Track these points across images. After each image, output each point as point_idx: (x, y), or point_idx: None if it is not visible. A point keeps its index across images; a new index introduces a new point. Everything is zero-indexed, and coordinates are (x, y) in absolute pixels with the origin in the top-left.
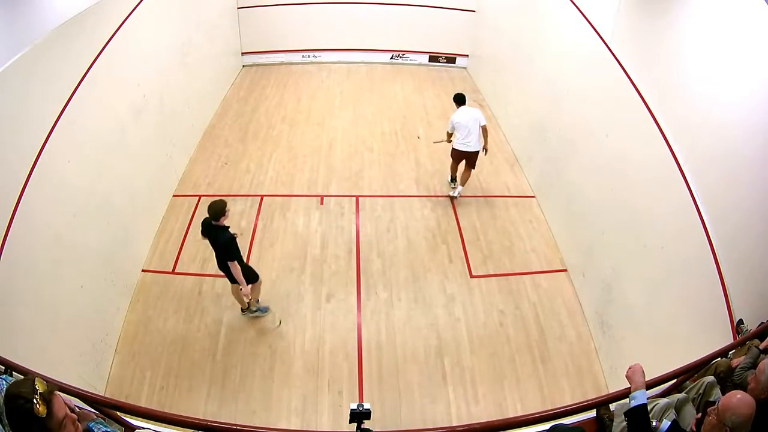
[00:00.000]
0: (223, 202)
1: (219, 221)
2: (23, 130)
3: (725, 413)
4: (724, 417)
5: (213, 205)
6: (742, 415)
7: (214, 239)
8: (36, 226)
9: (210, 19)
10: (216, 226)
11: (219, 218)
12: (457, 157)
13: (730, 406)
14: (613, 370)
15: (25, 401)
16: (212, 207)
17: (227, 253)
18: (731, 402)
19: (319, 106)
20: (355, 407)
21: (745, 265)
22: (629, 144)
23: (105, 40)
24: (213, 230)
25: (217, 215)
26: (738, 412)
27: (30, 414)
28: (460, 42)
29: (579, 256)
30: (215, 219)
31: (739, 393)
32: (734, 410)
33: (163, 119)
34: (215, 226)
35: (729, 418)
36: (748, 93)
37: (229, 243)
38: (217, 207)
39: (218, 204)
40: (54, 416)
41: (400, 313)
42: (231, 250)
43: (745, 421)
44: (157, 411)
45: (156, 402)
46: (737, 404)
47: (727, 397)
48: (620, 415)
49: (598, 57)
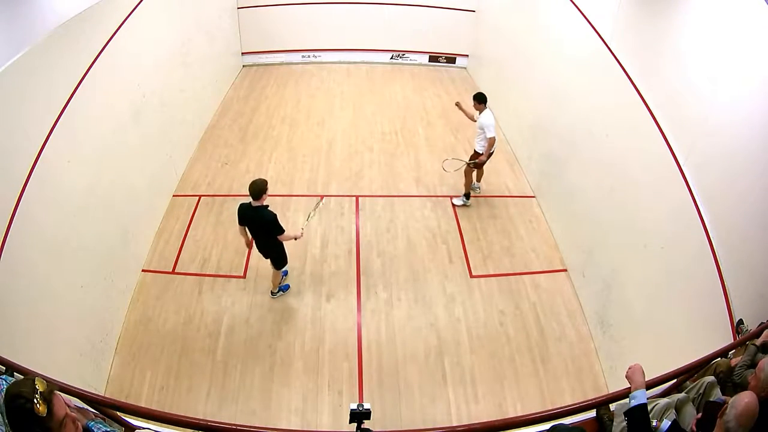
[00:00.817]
0: (263, 180)
1: (261, 200)
2: (23, 130)
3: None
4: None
5: (255, 185)
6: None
7: (260, 219)
8: (36, 226)
9: (210, 19)
10: (258, 207)
11: (261, 197)
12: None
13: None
14: (613, 370)
15: (26, 401)
16: (254, 186)
17: (277, 228)
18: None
19: (319, 106)
20: (355, 407)
21: (745, 265)
22: (629, 144)
23: (105, 40)
24: (256, 211)
25: (260, 193)
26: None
27: (31, 414)
28: (460, 42)
29: (579, 256)
30: (257, 198)
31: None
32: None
33: (163, 119)
34: (257, 206)
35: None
36: (748, 93)
37: (276, 217)
38: (259, 185)
39: (259, 182)
40: (54, 415)
41: (400, 313)
42: (279, 224)
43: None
44: (157, 411)
45: (156, 402)
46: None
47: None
48: (620, 415)
49: (598, 57)
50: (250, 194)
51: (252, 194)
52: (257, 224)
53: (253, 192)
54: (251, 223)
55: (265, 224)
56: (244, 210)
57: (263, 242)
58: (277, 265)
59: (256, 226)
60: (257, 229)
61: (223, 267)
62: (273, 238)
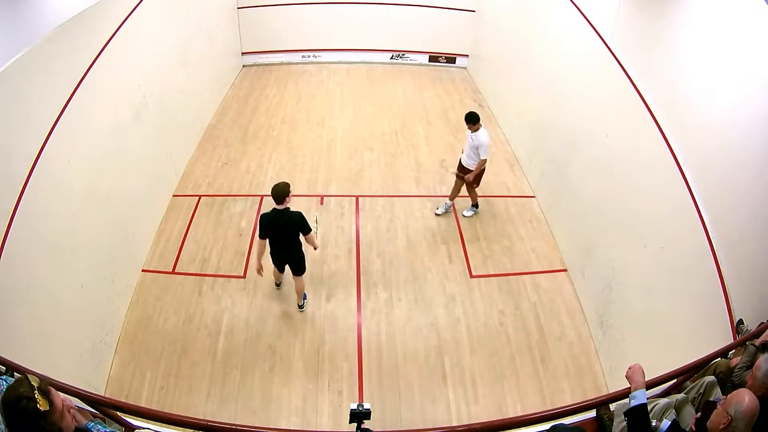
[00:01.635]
0: (286, 183)
1: (285, 203)
2: (23, 130)
3: (731, 401)
4: (729, 405)
5: (278, 188)
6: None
7: (288, 220)
8: (36, 226)
9: (210, 19)
10: (283, 210)
11: (285, 199)
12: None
13: (738, 398)
14: (613, 370)
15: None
16: (278, 190)
17: (304, 227)
18: (741, 394)
19: (319, 106)
20: (355, 407)
21: (745, 265)
22: (629, 144)
23: (105, 40)
24: (282, 214)
25: (284, 196)
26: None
27: (36, 411)
28: (460, 42)
29: (579, 256)
30: (281, 201)
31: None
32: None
33: (163, 119)
34: (282, 210)
35: (734, 407)
36: (749, 93)
37: (303, 217)
38: (282, 188)
39: (282, 185)
40: (55, 406)
41: (400, 313)
42: (307, 222)
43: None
44: (157, 411)
45: (156, 402)
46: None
47: (739, 391)
48: (620, 415)
49: (598, 57)
50: (274, 198)
51: (276, 198)
52: (285, 227)
53: (277, 195)
54: (278, 228)
55: (294, 225)
56: (269, 217)
57: (288, 247)
58: (300, 270)
59: (283, 230)
60: (284, 233)
61: (223, 267)
62: (298, 241)
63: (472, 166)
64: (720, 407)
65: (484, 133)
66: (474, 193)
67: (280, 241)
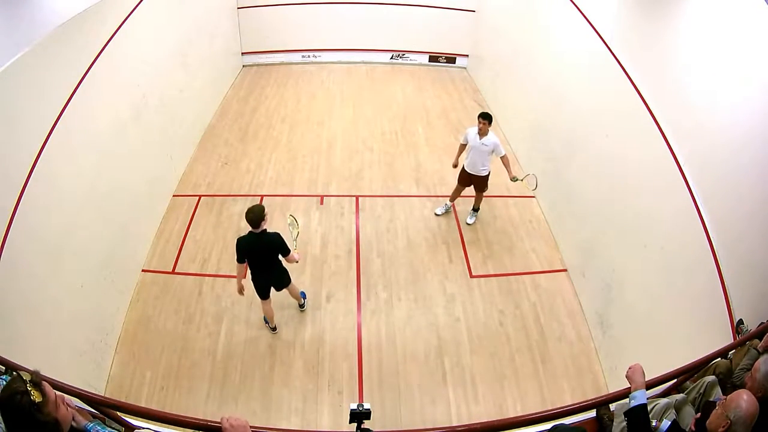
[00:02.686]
0: (260, 207)
1: (261, 226)
2: (23, 130)
3: (730, 404)
4: (729, 408)
5: (253, 212)
6: (745, 410)
7: (268, 243)
8: (36, 227)
9: (210, 19)
10: (261, 232)
11: (261, 223)
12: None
13: (737, 401)
14: (613, 370)
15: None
16: (252, 214)
17: (283, 249)
18: (740, 397)
19: (319, 106)
20: (355, 407)
21: (745, 265)
22: (629, 144)
23: (105, 40)
24: (261, 237)
25: (260, 220)
26: (742, 406)
27: (31, 404)
28: (460, 42)
29: (579, 256)
30: (258, 225)
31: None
32: (740, 405)
33: (163, 119)
34: (260, 233)
35: (733, 410)
36: (749, 93)
37: (281, 239)
38: (257, 213)
39: (257, 209)
40: (48, 397)
41: (400, 313)
42: (285, 245)
43: (746, 418)
44: (157, 411)
45: (156, 402)
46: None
47: (738, 392)
48: (620, 415)
49: (598, 57)
50: (250, 223)
51: (252, 223)
52: (265, 250)
53: (253, 220)
54: (258, 250)
55: (274, 247)
56: (247, 241)
57: (268, 269)
58: (285, 283)
59: (263, 253)
60: (264, 256)
61: (223, 267)
62: (278, 261)
63: (484, 172)
64: (719, 409)
65: (493, 134)
66: (481, 197)
67: (260, 264)
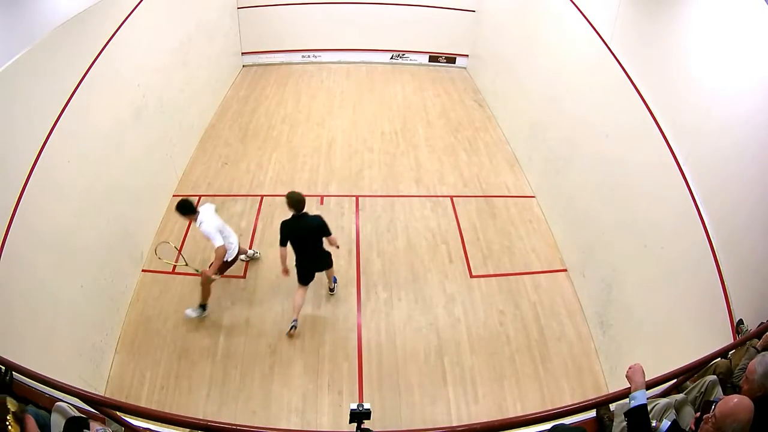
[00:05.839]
0: (298, 194)
1: (303, 209)
2: (23, 130)
3: (725, 420)
4: (723, 424)
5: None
6: (741, 420)
7: (310, 224)
8: (36, 226)
9: (210, 19)
10: (304, 214)
11: (303, 205)
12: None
13: (728, 412)
14: (613, 370)
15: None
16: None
17: (326, 230)
18: (729, 407)
19: (319, 106)
20: (355, 407)
21: (745, 265)
22: (629, 144)
23: (105, 40)
24: (303, 218)
25: (303, 203)
26: (737, 417)
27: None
28: (460, 42)
29: (579, 256)
30: (301, 208)
31: (735, 397)
32: (734, 416)
33: (163, 119)
34: (303, 215)
35: (729, 425)
36: (749, 93)
37: (323, 220)
38: (301, 197)
39: (300, 194)
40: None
41: (400, 313)
42: (327, 226)
43: (745, 426)
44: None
45: (156, 402)
46: (735, 409)
47: (723, 403)
48: (620, 415)
49: (598, 57)
50: (295, 206)
51: (297, 206)
52: (309, 232)
53: (298, 203)
54: (303, 233)
55: (318, 228)
56: (291, 224)
57: (313, 252)
58: (331, 263)
59: (308, 235)
60: (308, 239)
61: None
62: (321, 243)
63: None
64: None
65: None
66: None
67: (304, 246)
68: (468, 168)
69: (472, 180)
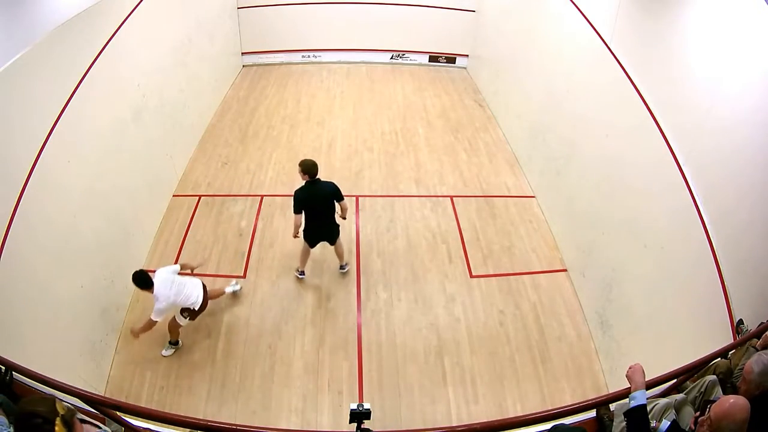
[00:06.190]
0: (311, 161)
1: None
2: (23, 130)
3: (720, 422)
4: (719, 426)
5: (310, 163)
6: (737, 420)
7: (325, 189)
8: (36, 227)
9: (210, 19)
10: (317, 181)
11: (317, 171)
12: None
13: (724, 414)
14: (613, 370)
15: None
16: (311, 163)
17: (339, 194)
18: (724, 409)
19: (319, 106)
20: (355, 407)
21: (745, 265)
22: (629, 144)
23: (105, 40)
24: (317, 184)
25: (317, 169)
26: (734, 418)
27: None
28: (460, 42)
29: (579, 256)
30: (315, 174)
31: (731, 398)
32: (729, 417)
33: (163, 119)
34: (316, 181)
35: (726, 427)
36: (748, 93)
37: (335, 185)
38: (314, 163)
39: (312, 161)
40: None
41: (400, 313)
42: (340, 190)
43: (741, 426)
44: (157, 411)
45: (156, 402)
46: (731, 410)
47: (719, 404)
48: (620, 415)
49: (598, 57)
50: (309, 173)
51: (311, 172)
52: (324, 196)
53: (312, 170)
54: (316, 198)
55: (332, 193)
56: (306, 191)
57: (326, 218)
58: (338, 234)
59: (321, 200)
60: (322, 204)
61: (223, 267)
62: (334, 211)
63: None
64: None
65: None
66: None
67: (317, 213)
68: (468, 168)
69: (472, 180)
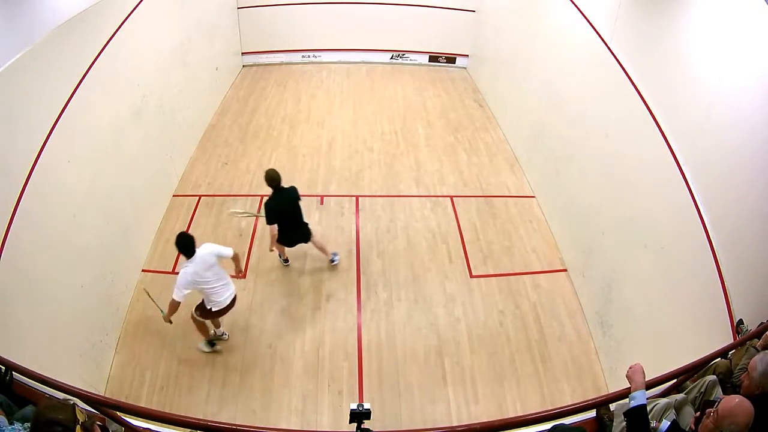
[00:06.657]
0: (273, 171)
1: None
2: (23, 130)
3: (724, 420)
4: (722, 423)
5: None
6: (740, 423)
7: (292, 197)
8: (36, 226)
9: (210, 19)
10: (282, 189)
11: (280, 180)
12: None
13: (728, 412)
14: (613, 370)
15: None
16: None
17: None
18: (729, 407)
19: (319, 106)
20: (355, 407)
21: (745, 265)
22: (629, 144)
23: (105, 40)
24: (284, 193)
25: (279, 178)
26: (736, 419)
27: None
28: (460, 42)
29: (579, 256)
30: (279, 183)
31: (737, 398)
32: (732, 417)
33: (163, 119)
34: (282, 189)
35: (727, 426)
36: (748, 93)
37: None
38: (277, 173)
39: (275, 171)
40: None
41: (400, 313)
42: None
43: (743, 430)
44: (157, 411)
45: (156, 402)
46: (735, 410)
47: (726, 401)
48: (620, 415)
49: (597, 57)
50: (275, 184)
51: (275, 183)
52: (293, 203)
53: (275, 179)
54: (287, 205)
55: (297, 196)
56: (276, 201)
57: (298, 220)
58: (310, 233)
59: (292, 206)
60: (293, 210)
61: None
62: (301, 212)
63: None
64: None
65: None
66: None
67: (289, 218)
68: (468, 168)
69: (472, 180)
